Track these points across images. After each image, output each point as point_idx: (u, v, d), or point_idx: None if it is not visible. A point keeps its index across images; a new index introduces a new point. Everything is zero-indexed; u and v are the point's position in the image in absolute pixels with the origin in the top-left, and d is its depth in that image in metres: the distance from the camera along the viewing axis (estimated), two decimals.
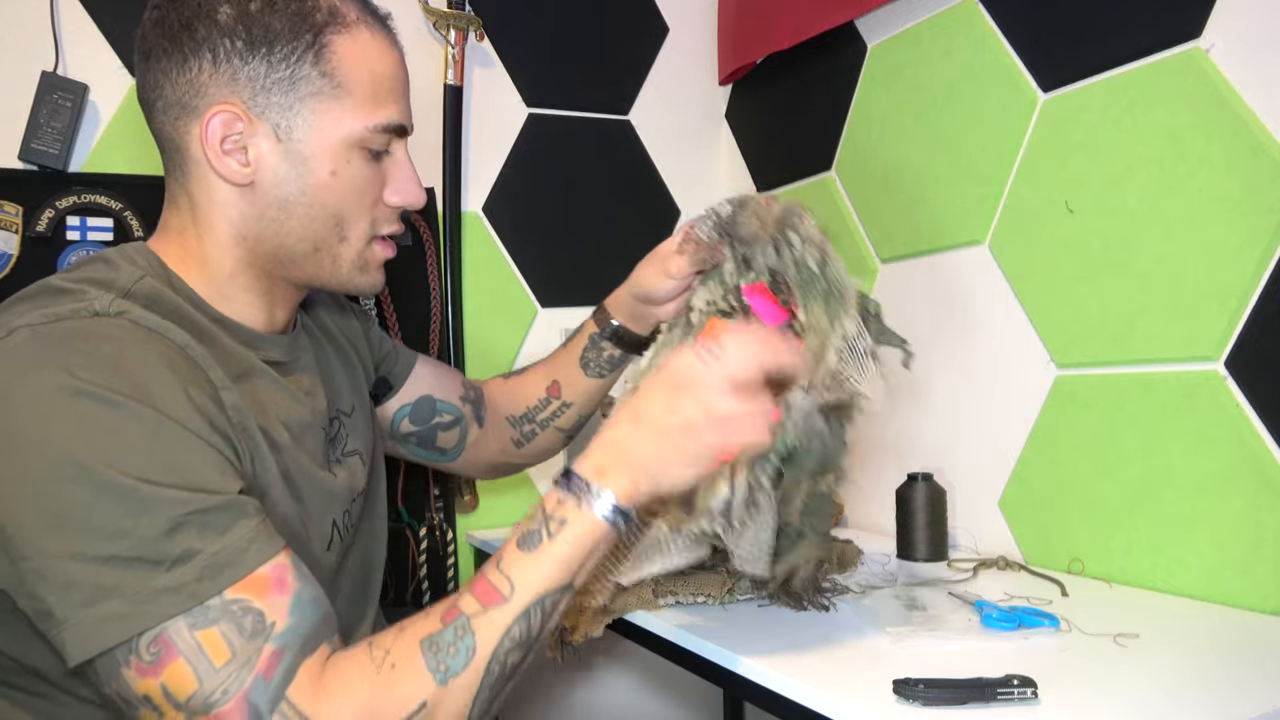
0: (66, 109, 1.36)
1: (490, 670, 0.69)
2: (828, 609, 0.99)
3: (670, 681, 1.85)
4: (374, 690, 0.66)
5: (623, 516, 0.73)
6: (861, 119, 1.57)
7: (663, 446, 0.73)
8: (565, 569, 0.72)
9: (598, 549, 0.73)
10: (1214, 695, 0.75)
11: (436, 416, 1.15)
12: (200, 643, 0.63)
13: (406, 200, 0.87)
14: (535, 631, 0.71)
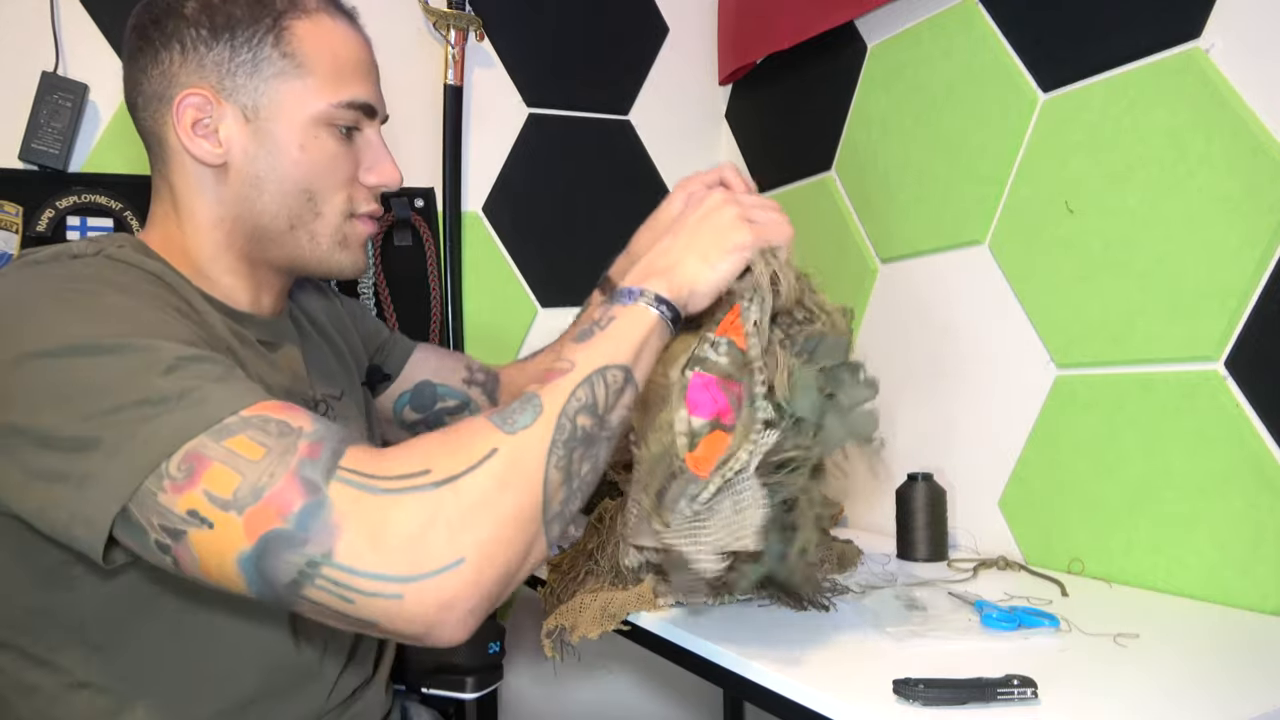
0: (66, 109, 1.36)
1: (561, 426, 0.68)
2: (828, 609, 0.99)
3: (670, 681, 1.85)
4: (439, 444, 0.66)
5: (668, 307, 0.76)
6: (861, 119, 1.57)
7: (698, 238, 0.80)
8: (622, 349, 0.74)
9: (650, 340, 0.76)
10: (1214, 695, 0.75)
11: (440, 402, 1.15)
12: (231, 448, 0.62)
13: (381, 179, 0.89)
14: (602, 403, 0.71)
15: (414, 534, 0.61)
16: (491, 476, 0.65)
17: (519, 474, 0.66)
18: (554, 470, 0.68)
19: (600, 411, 0.71)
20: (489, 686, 1.17)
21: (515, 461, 0.66)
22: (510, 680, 1.70)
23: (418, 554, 0.61)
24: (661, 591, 1.02)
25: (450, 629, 0.63)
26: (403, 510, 0.62)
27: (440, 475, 0.63)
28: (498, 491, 0.65)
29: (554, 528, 0.69)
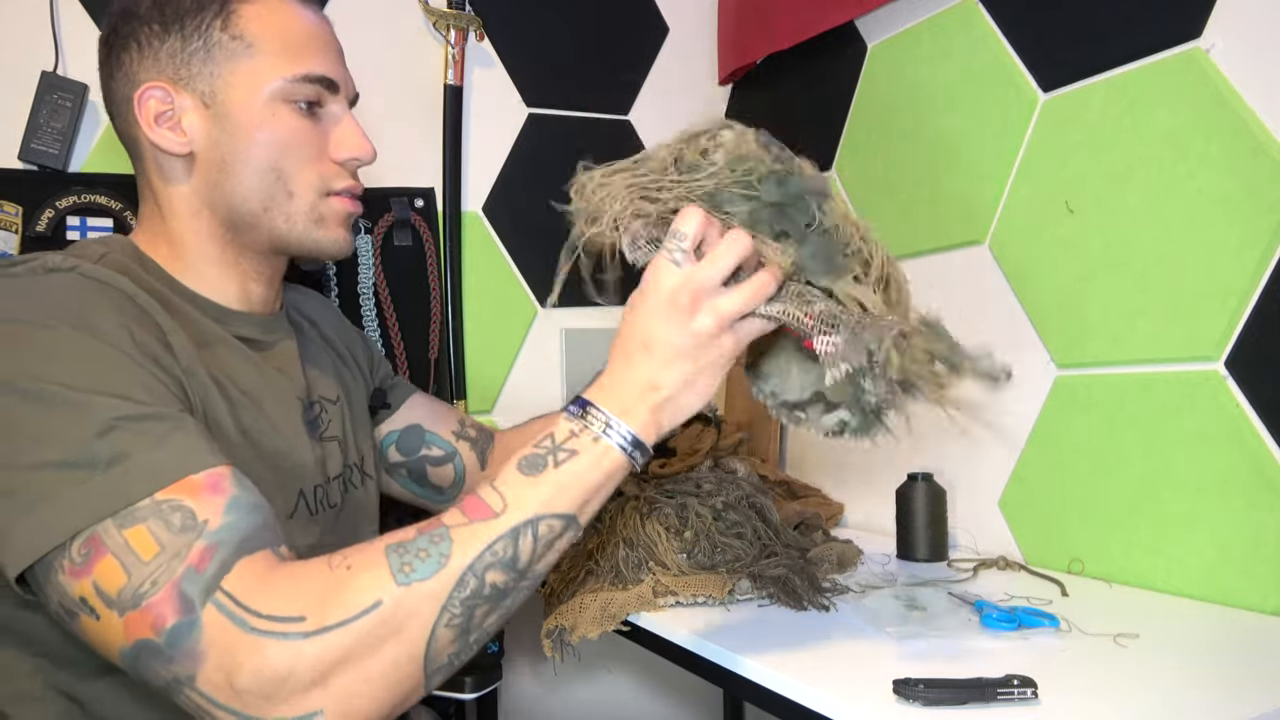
0: (66, 109, 1.36)
1: (464, 583, 0.63)
2: (828, 609, 0.99)
3: (670, 681, 1.85)
4: (324, 586, 0.62)
5: (640, 450, 0.71)
6: (861, 119, 1.57)
7: (681, 367, 0.72)
8: (568, 497, 0.68)
9: (608, 485, 0.70)
10: (1214, 695, 0.75)
11: (424, 449, 1.14)
12: (128, 540, 0.61)
13: (352, 153, 0.88)
14: (525, 557, 0.66)
15: (271, 681, 0.59)
16: (367, 632, 0.61)
17: (400, 632, 0.62)
18: (444, 629, 0.63)
19: (521, 565, 0.66)
20: (488, 687, 1.17)
21: (397, 618, 0.62)
22: (510, 680, 1.70)
23: (272, 702, 0.59)
24: (660, 591, 1.03)
25: None
26: (264, 656, 0.59)
27: (312, 625, 0.60)
28: (370, 648, 0.61)
29: (438, 677, 0.65)
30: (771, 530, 1.14)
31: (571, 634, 0.99)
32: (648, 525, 1.10)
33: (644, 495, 1.16)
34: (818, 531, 1.33)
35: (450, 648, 0.64)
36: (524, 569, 0.67)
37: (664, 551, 1.07)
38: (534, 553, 0.66)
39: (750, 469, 1.51)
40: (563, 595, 1.07)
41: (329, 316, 1.08)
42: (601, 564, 1.09)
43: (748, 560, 1.07)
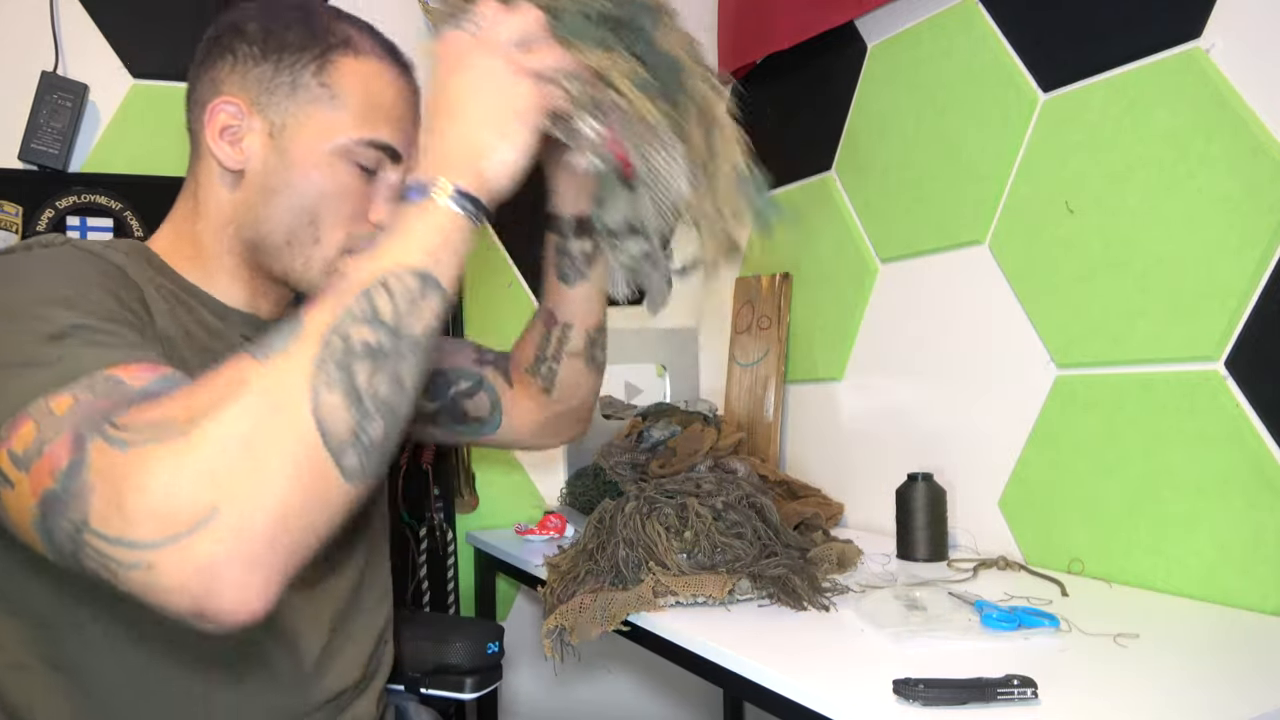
0: (66, 109, 1.36)
1: (329, 344, 0.59)
2: (828, 609, 0.99)
3: (670, 681, 1.86)
4: (196, 387, 0.59)
5: (472, 202, 0.68)
6: (861, 119, 1.57)
7: (484, 115, 0.70)
8: (411, 255, 0.65)
9: (451, 240, 0.67)
10: (1214, 695, 0.75)
11: (452, 386, 1.13)
12: (50, 405, 0.59)
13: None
14: (388, 313, 0.62)
15: (158, 491, 0.54)
16: (242, 412, 0.56)
17: (276, 407, 0.57)
18: (325, 392, 0.58)
19: (388, 321, 0.62)
20: (488, 687, 1.17)
21: (268, 390, 0.58)
22: (510, 680, 1.70)
23: (163, 514, 0.53)
24: (661, 591, 1.03)
25: (228, 599, 0.54)
26: (145, 465, 0.54)
27: (185, 419, 0.56)
28: (251, 427, 0.56)
29: (349, 457, 0.59)
30: (771, 530, 1.14)
31: (571, 634, 0.99)
32: (648, 525, 1.10)
33: (644, 495, 1.16)
34: (818, 531, 1.33)
35: (346, 416, 0.59)
36: (394, 326, 0.62)
37: (664, 551, 1.07)
38: (396, 309, 0.62)
39: (750, 469, 1.51)
40: (563, 595, 1.07)
41: None
42: (601, 564, 1.09)
43: (748, 560, 1.07)
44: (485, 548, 1.57)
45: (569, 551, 1.19)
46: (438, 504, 1.58)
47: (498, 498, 1.71)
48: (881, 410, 1.52)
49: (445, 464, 1.59)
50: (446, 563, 1.58)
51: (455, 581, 1.59)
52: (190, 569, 0.53)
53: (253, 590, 0.55)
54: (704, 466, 1.52)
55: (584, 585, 1.06)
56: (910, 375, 1.46)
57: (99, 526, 0.55)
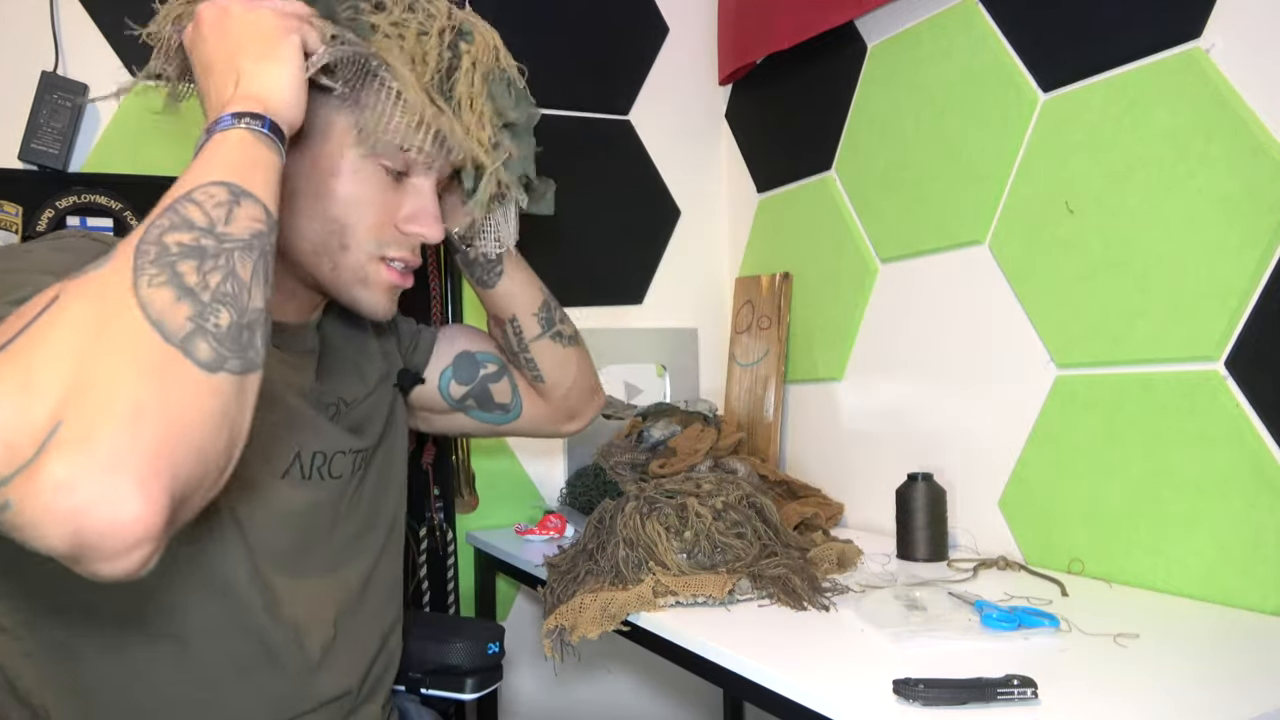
0: (66, 109, 1.36)
1: (143, 251, 0.57)
2: (828, 609, 0.99)
3: (670, 681, 1.86)
4: (12, 317, 0.55)
5: (255, 119, 0.68)
6: (861, 119, 1.57)
7: (235, 49, 0.72)
8: (214, 169, 0.64)
9: (251, 154, 0.66)
10: (1214, 695, 0.75)
11: (482, 369, 1.14)
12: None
13: (418, 228, 0.87)
14: (200, 219, 0.60)
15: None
16: (66, 324, 0.53)
17: (98, 310, 0.54)
18: (150, 290, 0.55)
19: (202, 225, 0.60)
20: (489, 687, 1.17)
21: (89, 299, 0.55)
22: (510, 680, 1.70)
23: (3, 444, 0.49)
24: (661, 591, 1.03)
25: (104, 515, 0.49)
26: None
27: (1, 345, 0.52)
28: (78, 336, 0.53)
29: (200, 348, 0.56)
30: (771, 530, 1.14)
31: (571, 634, 0.99)
32: (648, 525, 1.10)
33: (644, 495, 1.16)
34: (818, 531, 1.33)
35: (181, 308, 0.56)
36: (209, 228, 0.60)
37: (664, 551, 1.07)
38: (208, 215, 0.61)
39: (750, 469, 1.51)
40: (563, 595, 1.07)
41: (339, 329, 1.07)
42: (601, 564, 1.09)
43: (748, 560, 1.07)
44: (485, 548, 1.57)
45: (569, 551, 1.19)
46: (438, 504, 1.58)
47: (498, 498, 1.71)
48: (881, 410, 1.52)
49: (445, 464, 1.59)
50: (446, 563, 1.57)
51: (455, 581, 1.59)
52: (48, 492, 0.48)
53: (128, 501, 0.49)
54: (704, 466, 1.53)
55: (584, 585, 1.06)
56: (910, 375, 1.46)
57: None
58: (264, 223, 0.63)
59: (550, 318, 1.12)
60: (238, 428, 0.58)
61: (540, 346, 1.11)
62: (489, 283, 1.07)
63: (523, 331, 1.11)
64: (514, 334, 1.11)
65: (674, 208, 1.91)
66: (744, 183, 1.90)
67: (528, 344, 1.11)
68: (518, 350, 1.12)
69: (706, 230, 1.95)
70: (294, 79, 0.72)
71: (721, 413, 1.83)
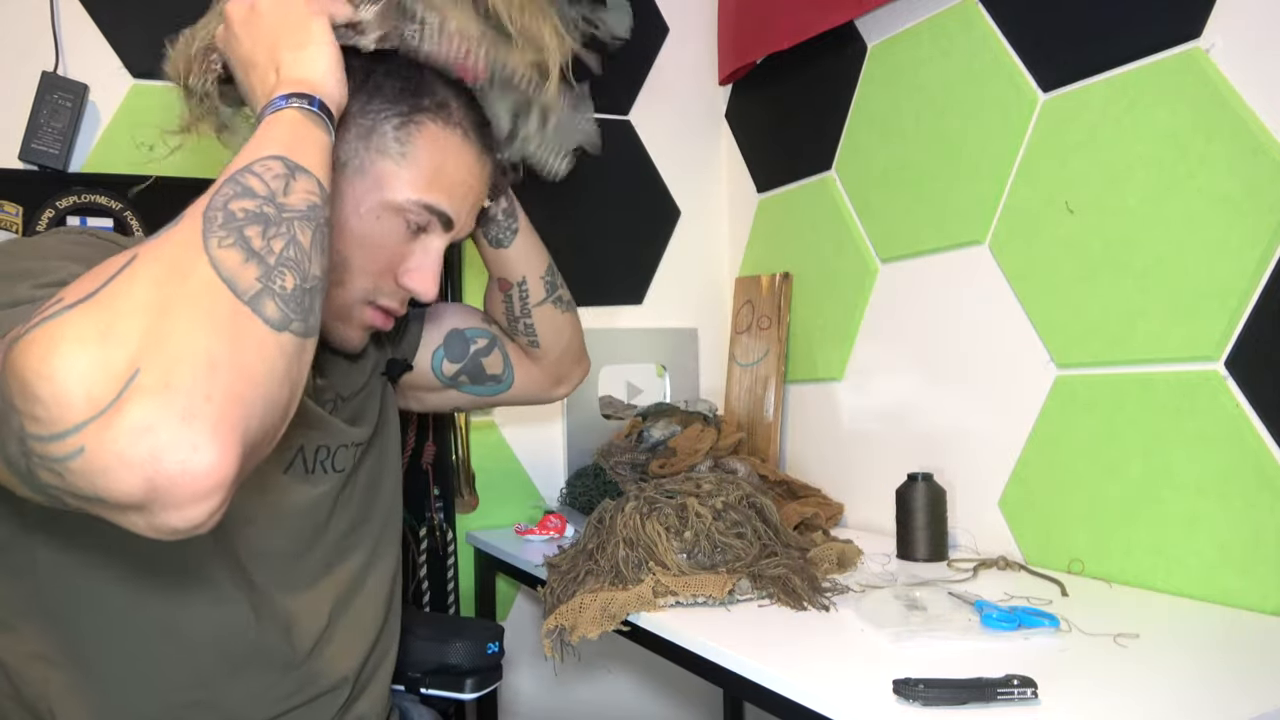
0: (66, 109, 1.36)
1: (211, 218, 0.59)
2: (828, 609, 0.99)
3: (670, 681, 1.85)
4: (82, 278, 0.56)
5: (303, 99, 0.70)
6: (861, 119, 1.57)
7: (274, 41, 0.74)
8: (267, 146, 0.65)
9: (301, 131, 0.68)
10: (1214, 695, 0.75)
11: (472, 345, 1.16)
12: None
13: (415, 286, 0.88)
14: (262, 188, 0.62)
15: (71, 371, 0.50)
16: (142, 278, 0.54)
17: (172, 267, 0.56)
18: (220, 250, 0.57)
19: (263, 194, 0.61)
20: (488, 687, 1.17)
21: (162, 258, 0.56)
22: (510, 680, 1.70)
23: (82, 392, 0.49)
24: (661, 591, 1.03)
25: (177, 460, 0.50)
26: (52, 348, 0.50)
27: (75, 297, 0.53)
28: (153, 289, 0.54)
29: (268, 306, 0.57)
30: (771, 530, 1.14)
31: (571, 634, 0.99)
32: (648, 525, 1.10)
33: (644, 495, 1.16)
34: (818, 531, 1.33)
35: (250, 269, 0.58)
36: (270, 197, 0.62)
37: (664, 551, 1.07)
38: (268, 185, 0.62)
39: (750, 469, 1.51)
40: (563, 595, 1.07)
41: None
42: (601, 564, 1.09)
43: (748, 560, 1.07)
44: (485, 548, 1.57)
45: (569, 551, 1.19)
46: (438, 504, 1.58)
47: (498, 498, 1.71)
48: (881, 410, 1.52)
49: (445, 464, 1.59)
50: (446, 563, 1.57)
51: (455, 581, 1.59)
52: (125, 436, 0.49)
53: (202, 448, 0.50)
54: (704, 466, 1.53)
55: (584, 585, 1.06)
56: (910, 375, 1.46)
57: (32, 429, 0.51)
58: (318, 195, 0.65)
59: (554, 281, 1.14)
60: (296, 389, 0.60)
61: (542, 311, 1.13)
62: (504, 241, 1.07)
63: (529, 295, 1.12)
64: (519, 298, 1.12)
65: (674, 208, 1.91)
66: (744, 183, 1.90)
67: (531, 309, 1.12)
68: (519, 315, 1.13)
69: (706, 230, 1.95)
70: (330, 58, 0.73)
71: (721, 413, 1.83)
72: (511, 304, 1.13)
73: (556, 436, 1.79)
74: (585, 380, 1.28)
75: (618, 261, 1.86)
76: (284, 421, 0.59)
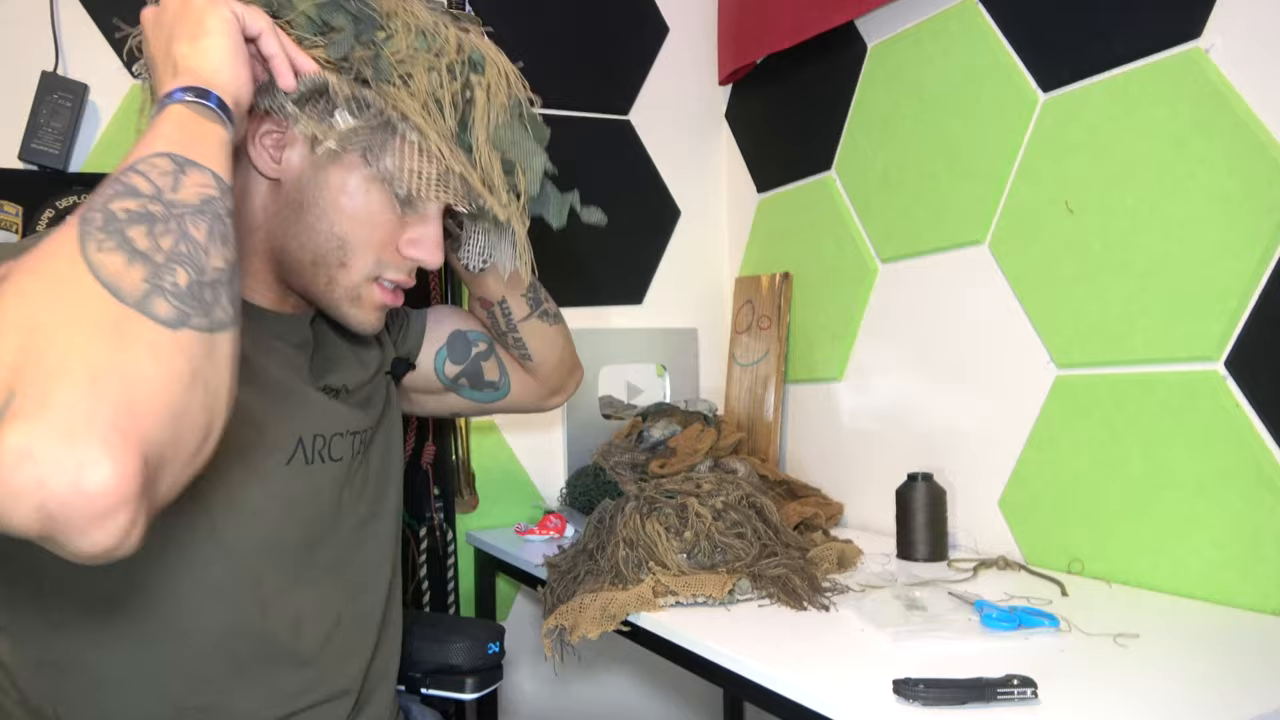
0: (66, 109, 1.36)
1: (89, 220, 0.56)
2: (828, 609, 0.99)
3: (670, 681, 1.86)
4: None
5: (195, 93, 0.67)
6: (861, 119, 1.57)
7: (173, 35, 0.72)
8: (155, 144, 0.63)
9: (191, 126, 0.65)
10: (1214, 695, 0.75)
11: (474, 347, 1.16)
12: None
13: (419, 254, 0.88)
14: (148, 186, 0.60)
15: None
16: (15, 298, 0.52)
17: (46, 275, 0.53)
18: (100, 254, 0.54)
19: (148, 192, 0.59)
20: (489, 687, 1.17)
21: (35, 269, 0.54)
22: (510, 680, 1.70)
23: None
24: (660, 590, 1.03)
25: (67, 483, 0.47)
26: None
27: None
28: (29, 307, 0.51)
29: (159, 306, 0.55)
30: (771, 530, 1.14)
31: (571, 634, 0.99)
32: (648, 525, 1.10)
33: (644, 495, 1.16)
34: (818, 531, 1.33)
35: (135, 270, 0.55)
36: (156, 194, 0.59)
37: (664, 551, 1.07)
38: (153, 183, 0.60)
39: (750, 469, 1.51)
40: (563, 595, 1.07)
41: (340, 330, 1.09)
42: (601, 564, 1.09)
43: (748, 560, 1.07)
44: (485, 548, 1.57)
45: (569, 551, 1.19)
46: (438, 504, 1.58)
47: (498, 498, 1.71)
48: (881, 410, 1.52)
49: (445, 464, 1.59)
50: (446, 563, 1.57)
51: (455, 581, 1.59)
52: (8, 466, 0.46)
53: (92, 465, 0.47)
54: (704, 466, 1.53)
55: (584, 585, 1.06)
56: (910, 375, 1.46)
57: None
58: (214, 188, 0.62)
59: (537, 297, 1.13)
60: (215, 390, 0.57)
61: (528, 326, 1.13)
62: (485, 258, 1.06)
63: (511, 313, 1.12)
64: (502, 315, 1.12)
65: (674, 208, 1.91)
66: (744, 183, 1.90)
67: (516, 324, 1.13)
68: (505, 330, 1.13)
69: (706, 230, 1.95)
70: (225, 49, 0.71)
71: (721, 413, 1.83)
72: (496, 320, 1.13)
73: (556, 436, 1.79)
74: (582, 384, 1.28)
75: (617, 261, 1.86)
76: (208, 428, 0.56)
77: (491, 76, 0.87)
